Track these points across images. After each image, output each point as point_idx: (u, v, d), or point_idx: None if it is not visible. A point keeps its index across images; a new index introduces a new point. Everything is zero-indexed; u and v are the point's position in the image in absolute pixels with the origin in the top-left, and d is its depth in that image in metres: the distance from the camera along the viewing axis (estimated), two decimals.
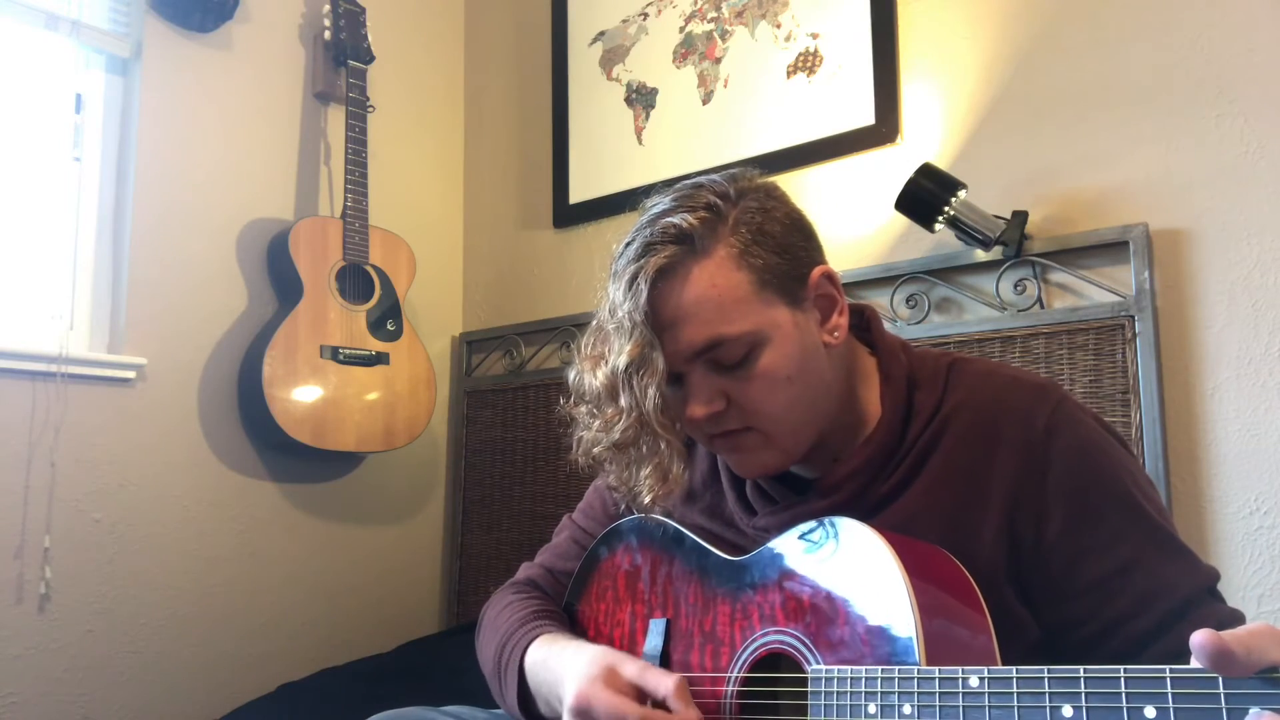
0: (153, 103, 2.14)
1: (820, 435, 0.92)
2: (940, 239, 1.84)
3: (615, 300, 0.88)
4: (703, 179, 0.93)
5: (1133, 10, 1.72)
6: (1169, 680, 0.57)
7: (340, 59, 2.35)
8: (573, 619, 1.08)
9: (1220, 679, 0.55)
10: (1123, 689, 0.59)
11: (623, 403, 0.87)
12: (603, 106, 2.46)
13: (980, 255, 1.81)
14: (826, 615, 0.80)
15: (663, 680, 0.83)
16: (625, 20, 2.44)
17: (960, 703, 0.68)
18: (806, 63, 2.10)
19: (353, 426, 2.22)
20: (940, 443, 0.90)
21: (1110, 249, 1.69)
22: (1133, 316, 1.63)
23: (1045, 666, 0.64)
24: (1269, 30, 1.59)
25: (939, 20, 1.94)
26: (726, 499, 1.02)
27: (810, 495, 0.94)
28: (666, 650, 0.95)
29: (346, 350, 2.22)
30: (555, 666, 0.93)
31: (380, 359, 2.28)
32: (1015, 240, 1.73)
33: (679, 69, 2.32)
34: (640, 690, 0.84)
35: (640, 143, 2.38)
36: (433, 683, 1.84)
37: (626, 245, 0.90)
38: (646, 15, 2.40)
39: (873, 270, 1.93)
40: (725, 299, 0.85)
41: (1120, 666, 0.60)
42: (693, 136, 2.28)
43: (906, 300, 1.89)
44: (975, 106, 1.88)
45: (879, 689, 0.73)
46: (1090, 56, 1.75)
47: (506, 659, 1.00)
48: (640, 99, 2.39)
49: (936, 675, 0.69)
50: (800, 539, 0.86)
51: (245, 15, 2.30)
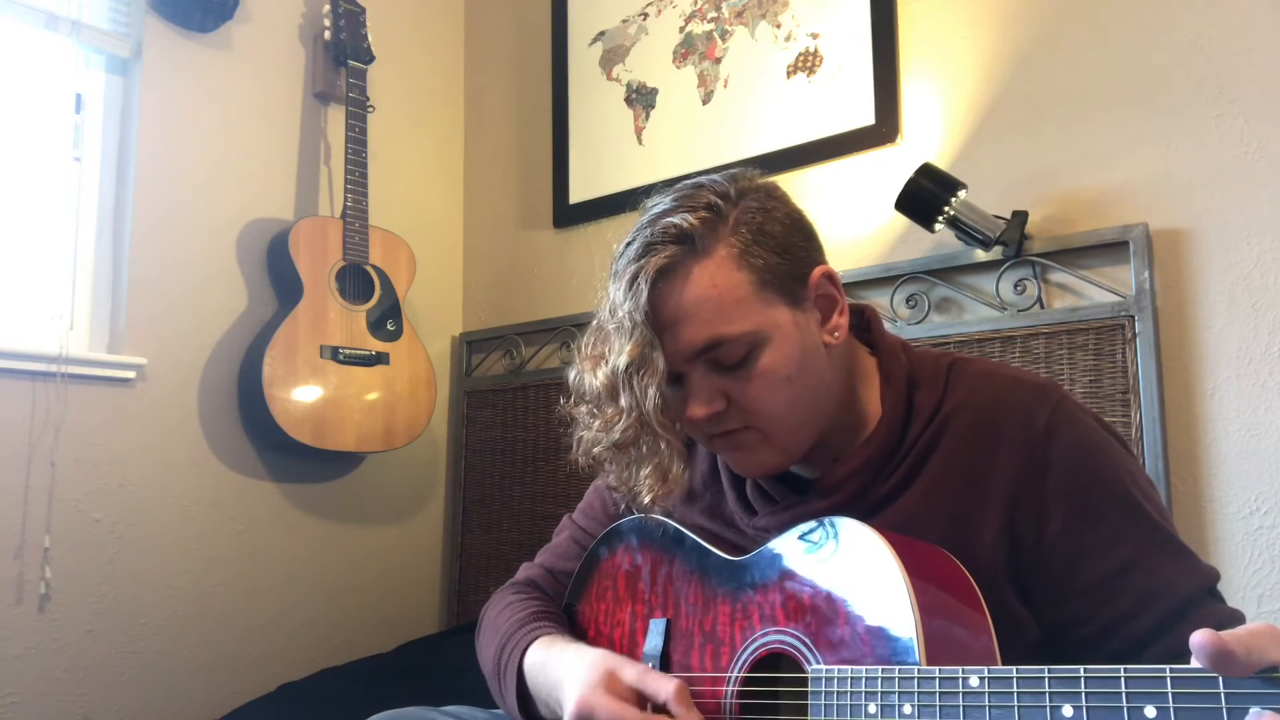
0: (153, 103, 2.14)
1: (820, 435, 0.92)
2: (940, 239, 1.84)
3: (615, 300, 0.88)
4: (703, 179, 0.93)
5: (1133, 10, 1.72)
6: (1169, 680, 0.57)
7: (340, 59, 2.35)
8: (573, 619, 1.08)
9: (1220, 678, 0.55)
10: (1123, 689, 0.59)
11: (623, 402, 0.87)
12: (603, 106, 2.46)
13: (980, 255, 1.81)
14: (827, 615, 0.80)
15: (663, 685, 0.83)
16: (625, 20, 2.44)
17: (960, 702, 0.68)
18: (806, 63, 2.10)
19: (353, 426, 2.22)
20: (940, 443, 0.90)
21: (1110, 249, 1.69)
22: (1133, 316, 1.63)
23: (1045, 666, 0.64)
24: (1269, 30, 1.59)
25: (939, 20, 1.94)
26: (726, 499, 1.02)
27: (810, 495, 0.94)
28: (666, 650, 0.95)
29: (346, 350, 2.22)
30: (554, 671, 0.93)
31: (380, 359, 2.28)
32: (1015, 240, 1.73)
33: (679, 69, 2.32)
34: (641, 695, 0.84)
35: (640, 143, 2.38)
36: (433, 683, 1.84)
37: (627, 245, 0.90)
38: (646, 15, 2.40)
39: (873, 270, 1.93)
40: (725, 299, 0.85)
41: (1120, 666, 0.60)
42: (693, 136, 2.28)
43: (906, 300, 1.89)
44: (975, 106, 1.88)
45: (879, 689, 0.73)
46: (1090, 56, 1.75)
47: (506, 661, 1.00)
48: (640, 99, 2.39)
49: (937, 675, 0.69)
50: (800, 539, 0.86)
51: (245, 15, 2.30)
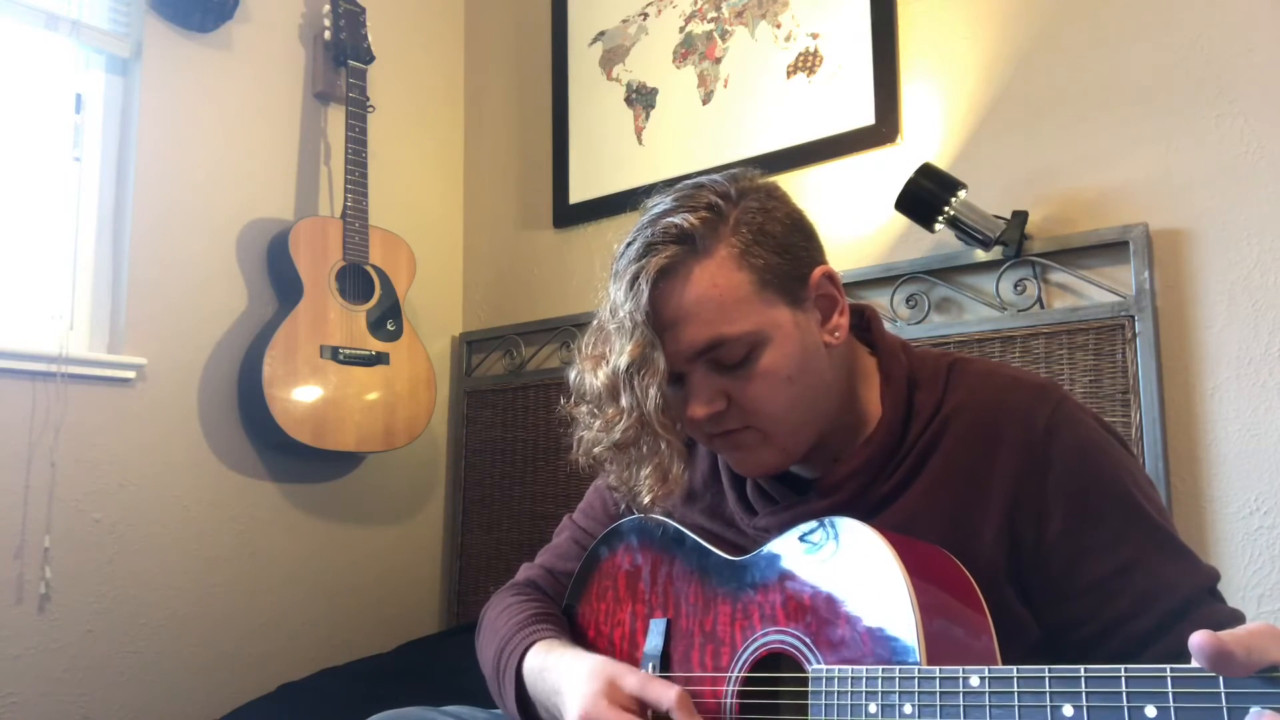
0: (153, 103, 2.14)
1: (821, 435, 0.92)
2: (940, 239, 1.84)
3: (616, 300, 0.88)
4: (704, 179, 0.93)
5: (1133, 10, 1.72)
6: (1169, 680, 0.57)
7: (340, 59, 2.35)
8: (573, 619, 1.08)
9: (1221, 678, 0.55)
10: (1123, 688, 0.59)
11: (624, 403, 0.87)
12: (603, 106, 2.46)
13: (980, 255, 1.81)
14: (827, 615, 0.80)
15: (665, 693, 0.83)
16: (625, 20, 2.44)
17: (961, 702, 0.68)
18: (806, 63, 2.10)
19: (353, 426, 2.22)
20: (940, 443, 0.90)
21: (1110, 249, 1.69)
22: (1133, 316, 1.63)
23: (1046, 666, 0.64)
24: (1269, 30, 1.59)
25: (939, 20, 1.94)
26: (727, 499, 1.02)
27: (811, 495, 0.94)
28: (667, 650, 0.95)
29: (346, 350, 2.22)
30: (553, 677, 0.93)
31: (380, 359, 2.28)
32: (1015, 240, 1.73)
33: (679, 69, 2.32)
34: (643, 703, 0.84)
35: (640, 143, 2.38)
36: (433, 683, 1.84)
37: (627, 245, 0.90)
38: (646, 15, 2.40)
39: (873, 270, 1.93)
40: (726, 299, 0.85)
41: (1121, 666, 0.60)
42: (693, 136, 2.27)
43: (906, 300, 1.89)
44: (975, 106, 1.88)
45: (879, 688, 0.73)
46: (1090, 56, 1.75)
47: (504, 664, 1.00)
48: (640, 99, 2.39)
49: (937, 675, 0.69)
50: (801, 539, 0.86)
51: (245, 15, 2.30)
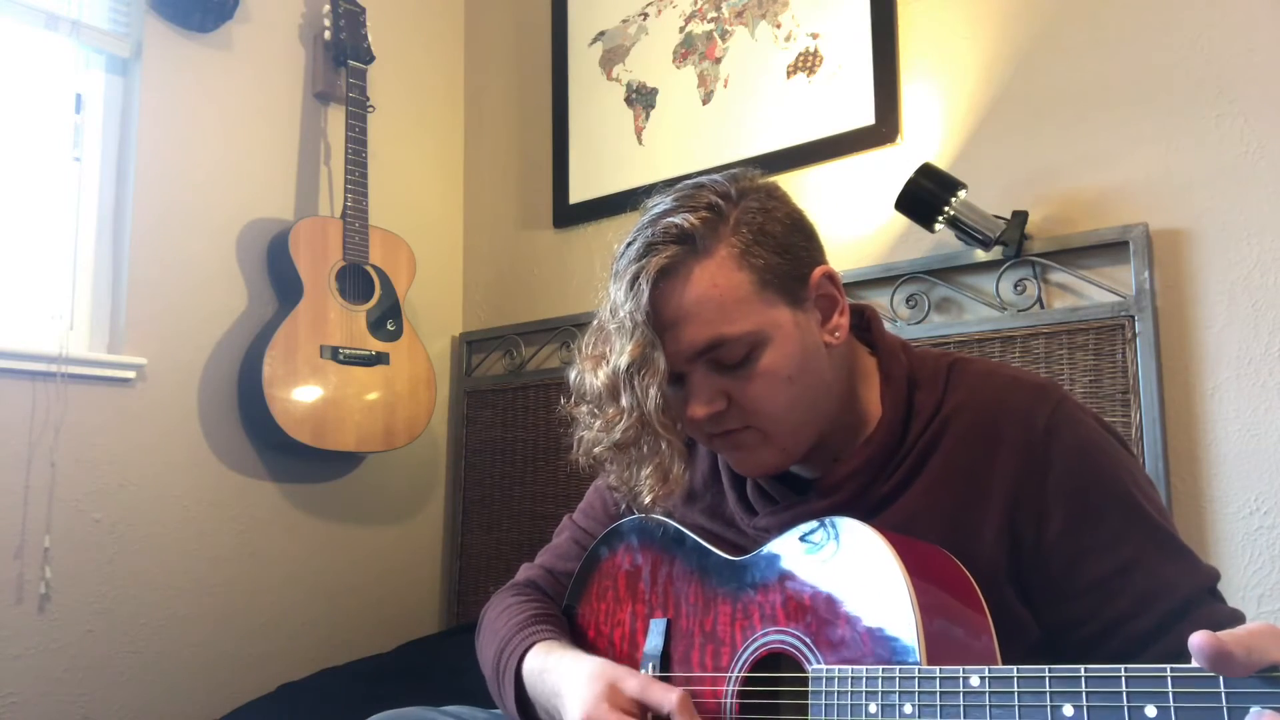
0: (153, 103, 2.14)
1: (821, 435, 0.92)
2: (940, 239, 1.84)
3: (616, 300, 0.88)
4: (704, 179, 0.93)
5: (1133, 10, 1.72)
6: (1170, 679, 0.57)
7: (340, 59, 2.35)
8: (572, 619, 1.08)
9: (1221, 678, 0.55)
10: (1123, 688, 0.59)
11: (624, 402, 0.87)
12: (603, 106, 2.46)
13: (980, 255, 1.81)
14: (827, 615, 0.80)
15: (666, 696, 0.83)
16: (625, 20, 2.44)
17: (961, 702, 0.68)
18: (806, 63, 2.10)
19: (353, 426, 2.22)
20: (940, 443, 0.90)
21: (1110, 249, 1.69)
22: (1133, 316, 1.63)
23: (1046, 666, 0.64)
24: (1269, 30, 1.59)
25: (939, 20, 1.94)
26: (727, 499, 1.02)
27: (811, 495, 0.94)
28: (667, 650, 0.95)
29: (346, 350, 2.22)
30: (553, 679, 0.93)
31: (380, 359, 2.28)
32: (1015, 240, 1.73)
33: (679, 69, 2.32)
34: (644, 706, 0.84)
35: (640, 143, 2.38)
36: (433, 683, 1.84)
37: (628, 245, 0.90)
38: (646, 15, 2.40)
39: (873, 270, 1.93)
40: (726, 299, 0.85)
41: (1121, 666, 0.60)
42: (693, 136, 2.27)
43: (906, 300, 1.89)
44: (975, 106, 1.88)
45: (880, 688, 0.73)
46: (1090, 56, 1.75)
47: (504, 665, 1.00)
48: (640, 99, 2.39)
49: (937, 674, 0.69)
50: (801, 539, 0.86)
51: (245, 15, 2.30)
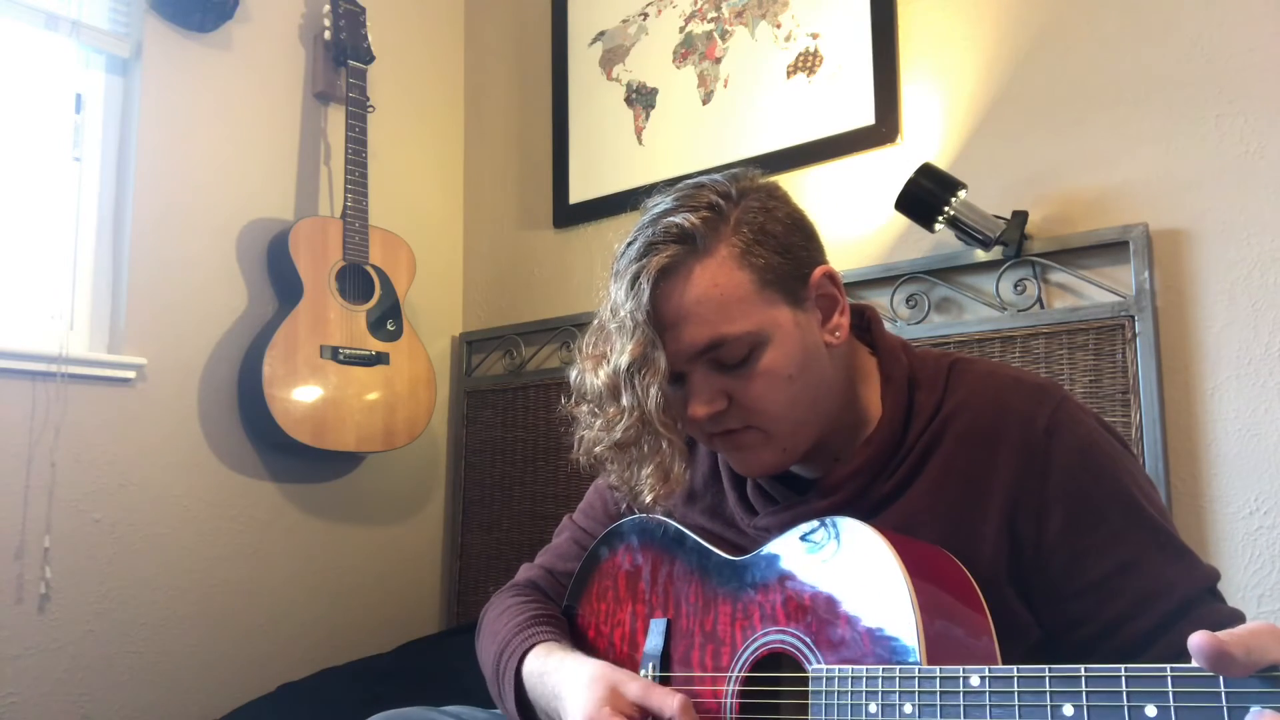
0: (153, 103, 2.14)
1: (821, 435, 0.92)
2: (940, 239, 1.84)
3: (617, 300, 0.88)
4: (704, 179, 0.93)
5: (1133, 10, 1.72)
6: (1170, 679, 0.57)
7: (340, 59, 2.35)
8: (572, 620, 1.08)
9: (1221, 677, 0.55)
10: (1124, 688, 0.59)
11: (624, 402, 0.87)
12: (603, 106, 2.46)
13: (980, 255, 1.81)
14: (827, 615, 0.80)
15: (668, 700, 0.83)
16: (625, 20, 2.44)
17: (961, 702, 0.68)
18: (806, 63, 2.10)
19: (353, 426, 2.22)
20: (941, 443, 0.90)
21: (1110, 249, 1.69)
22: (1133, 316, 1.63)
23: (1046, 666, 0.64)
24: (1269, 30, 1.59)
25: (939, 20, 1.94)
26: (727, 499, 1.02)
27: (811, 495, 0.94)
28: (667, 650, 0.95)
29: (346, 350, 2.22)
30: (553, 681, 0.93)
31: (380, 359, 2.28)
32: (1015, 240, 1.73)
33: (679, 69, 2.32)
34: (644, 710, 0.84)
35: (640, 143, 2.38)
36: (433, 683, 1.84)
37: (628, 245, 0.90)
38: (646, 15, 2.40)
39: (873, 270, 1.93)
40: (727, 298, 0.85)
41: (1121, 665, 0.60)
42: (693, 136, 2.27)
43: (906, 300, 1.89)
44: (975, 106, 1.88)
45: (880, 688, 0.73)
46: (1090, 56, 1.75)
47: (504, 666, 1.00)
48: (640, 99, 2.39)
49: (937, 674, 0.69)
50: (801, 539, 0.86)
51: (245, 15, 2.30)
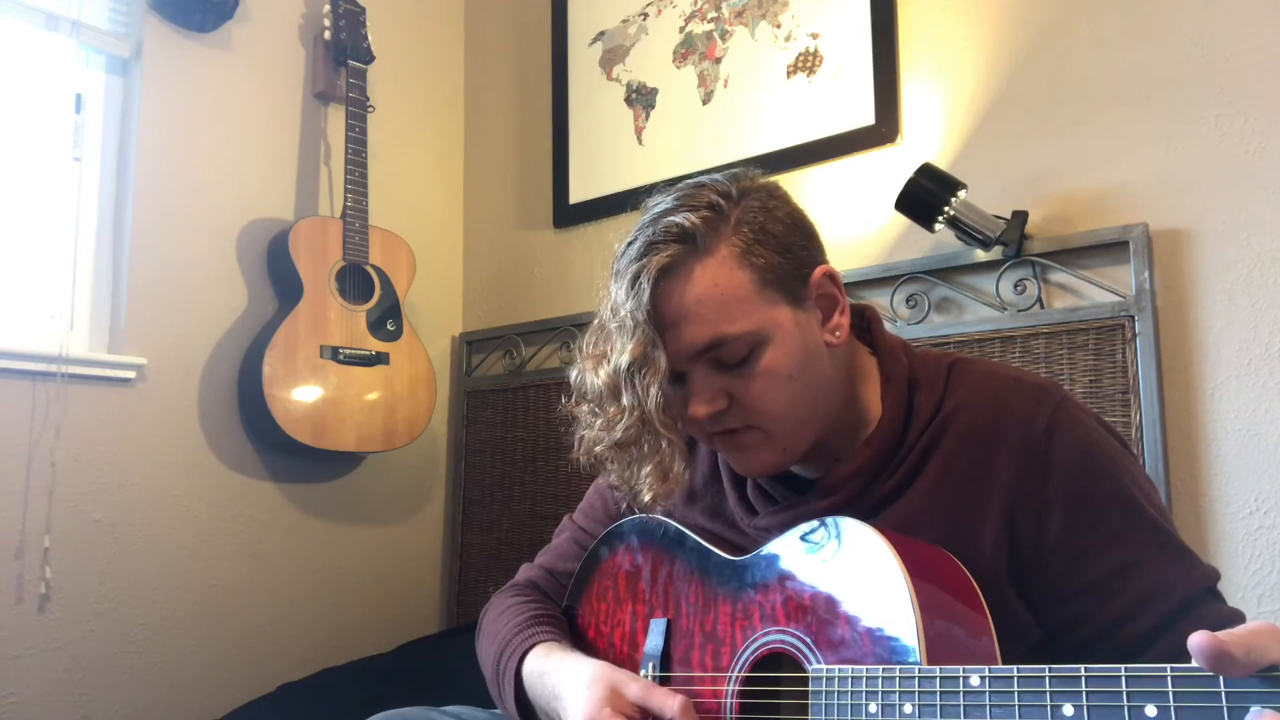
0: (153, 103, 2.14)
1: (821, 435, 0.92)
2: (940, 239, 1.84)
3: (617, 299, 0.88)
4: (704, 178, 0.93)
5: (1133, 10, 1.72)
6: (1170, 679, 0.57)
7: (340, 59, 2.35)
8: (572, 620, 1.08)
9: (1221, 677, 0.55)
10: (1124, 688, 0.59)
11: (624, 401, 0.87)
12: (603, 106, 2.46)
13: (980, 255, 1.81)
14: (827, 615, 0.80)
15: (668, 701, 0.83)
16: (625, 20, 2.44)
17: (961, 702, 0.68)
18: (806, 63, 2.10)
19: (353, 426, 2.22)
20: (941, 443, 0.90)
21: (1110, 249, 1.69)
22: (1133, 316, 1.63)
23: (1046, 666, 0.64)
24: (1269, 30, 1.59)
25: (939, 20, 1.94)
26: (727, 499, 1.02)
27: (811, 495, 0.94)
28: (667, 650, 0.95)
29: (346, 350, 2.22)
30: (553, 681, 0.93)
31: (380, 359, 2.28)
32: (1015, 240, 1.73)
33: (679, 69, 2.32)
34: (645, 711, 0.84)
35: (640, 143, 2.38)
36: (433, 683, 1.84)
37: (629, 244, 0.90)
38: (646, 15, 2.40)
39: (873, 270, 1.93)
40: (727, 298, 0.85)
41: (1121, 665, 0.60)
42: (693, 136, 2.27)
43: (906, 300, 1.89)
44: (975, 106, 1.88)
45: (880, 688, 0.73)
46: (1090, 56, 1.75)
47: (504, 667, 1.00)
48: (640, 99, 2.39)
49: (938, 674, 0.69)
50: (802, 539, 0.86)
51: (245, 15, 2.30)
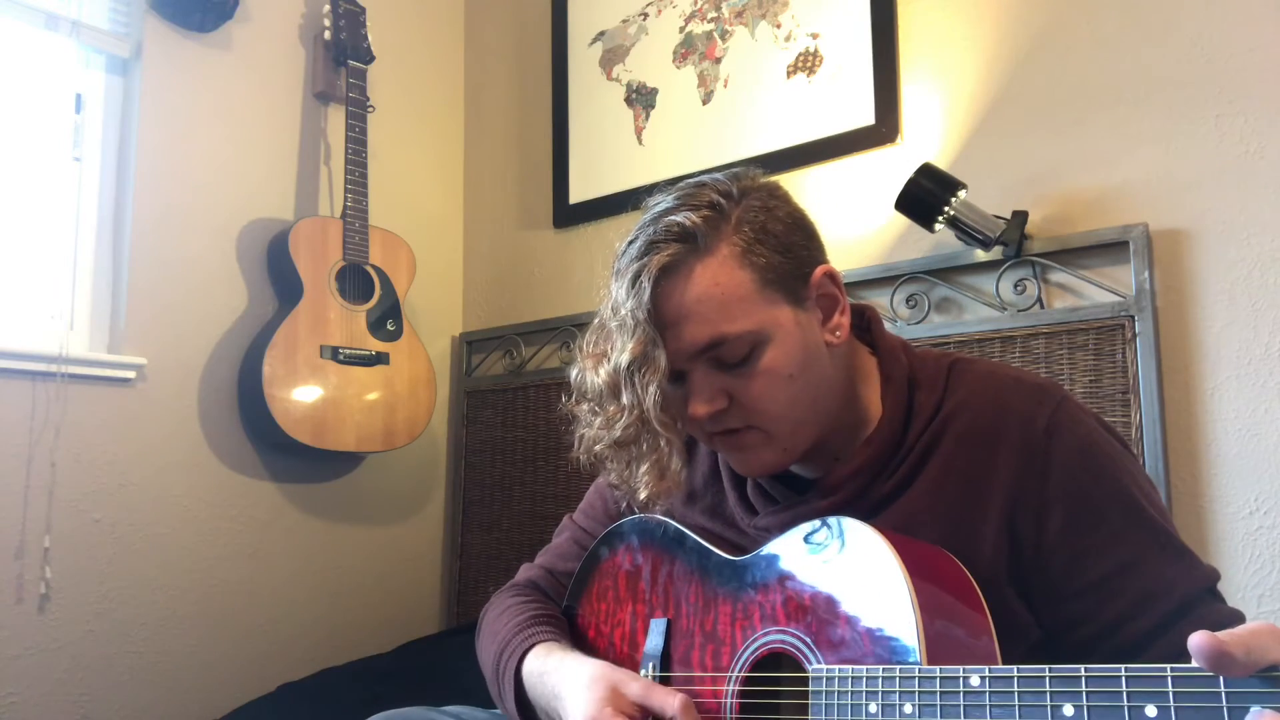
0: (153, 103, 2.14)
1: (821, 435, 0.92)
2: (940, 239, 1.84)
3: (618, 298, 0.88)
4: (705, 178, 0.93)
5: (1133, 10, 1.72)
6: (1170, 679, 0.57)
7: (340, 59, 2.35)
8: (572, 620, 1.08)
9: (1221, 677, 0.55)
10: (1124, 688, 0.59)
11: (624, 400, 0.87)
12: (603, 106, 2.46)
13: (980, 255, 1.81)
14: (827, 615, 0.80)
15: (669, 700, 0.83)
16: (625, 20, 2.44)
17: (961, 702, 0.68)
18: (806, 63, 2.10)
19: (353, 426, 2.22)
20: (941, 443, 0.90)
21: (1110, 249, 1.69)
22: (1133, 316, 1.63)
23: (1046, 666, 0.64)
24: (1269, 30, 1.59)
25: (939, 20, 1.94)
26: (728, 499, 1.02)
27: (811, 495, 0.94)
28: (667, 650, 0.95)
29: (346, 350, 2.22)
30: (553, 681, 0.93)
31: (380, 359, 2.28)
32: (1015, 240, 1.73)
33: (679, 69, 2.32)
34: (645, 710, 0.84)
35: (640, 143, 2.38)
36: (433, 683, 1.84)
37: (629, 243, 0.90)
38: (646, 15, 2.40)
39: (873, 270, 1.93)
40: (728, 297, 0.85)
41: (1121, 665, 0.60)
42: (693, 136, 2.27)
43: (906, 300, 1.89)
44: (975, 106, 1.88)
45: (880, 688, 0.73)
46: (1090, 56, 1.75)
47: (504, 666, 1.00)
48: (640, 99, 2.39)
49: (938, 674, 0.69)
50: (805, 539, 0.86)
51: (245, 15, 2.30)
